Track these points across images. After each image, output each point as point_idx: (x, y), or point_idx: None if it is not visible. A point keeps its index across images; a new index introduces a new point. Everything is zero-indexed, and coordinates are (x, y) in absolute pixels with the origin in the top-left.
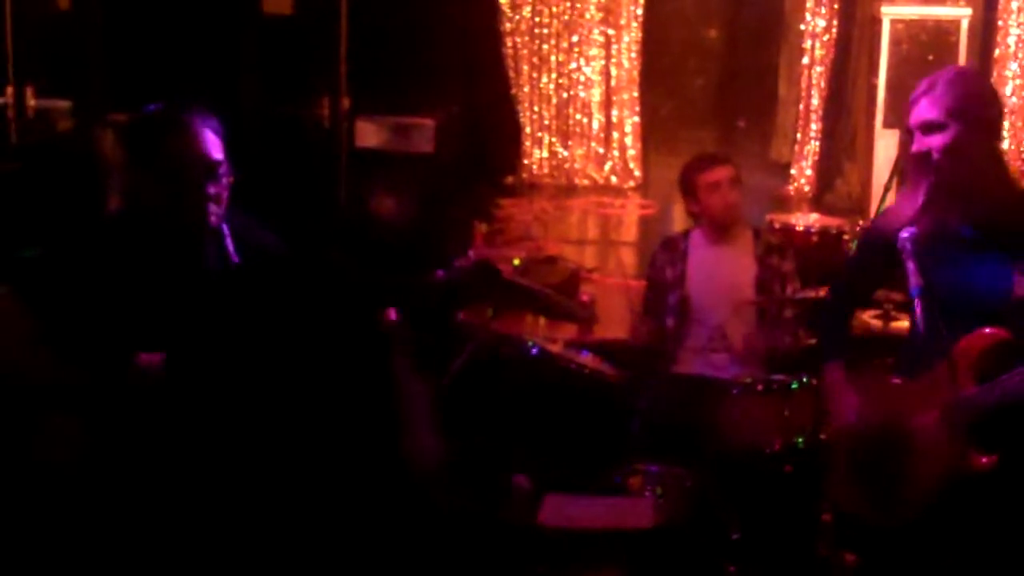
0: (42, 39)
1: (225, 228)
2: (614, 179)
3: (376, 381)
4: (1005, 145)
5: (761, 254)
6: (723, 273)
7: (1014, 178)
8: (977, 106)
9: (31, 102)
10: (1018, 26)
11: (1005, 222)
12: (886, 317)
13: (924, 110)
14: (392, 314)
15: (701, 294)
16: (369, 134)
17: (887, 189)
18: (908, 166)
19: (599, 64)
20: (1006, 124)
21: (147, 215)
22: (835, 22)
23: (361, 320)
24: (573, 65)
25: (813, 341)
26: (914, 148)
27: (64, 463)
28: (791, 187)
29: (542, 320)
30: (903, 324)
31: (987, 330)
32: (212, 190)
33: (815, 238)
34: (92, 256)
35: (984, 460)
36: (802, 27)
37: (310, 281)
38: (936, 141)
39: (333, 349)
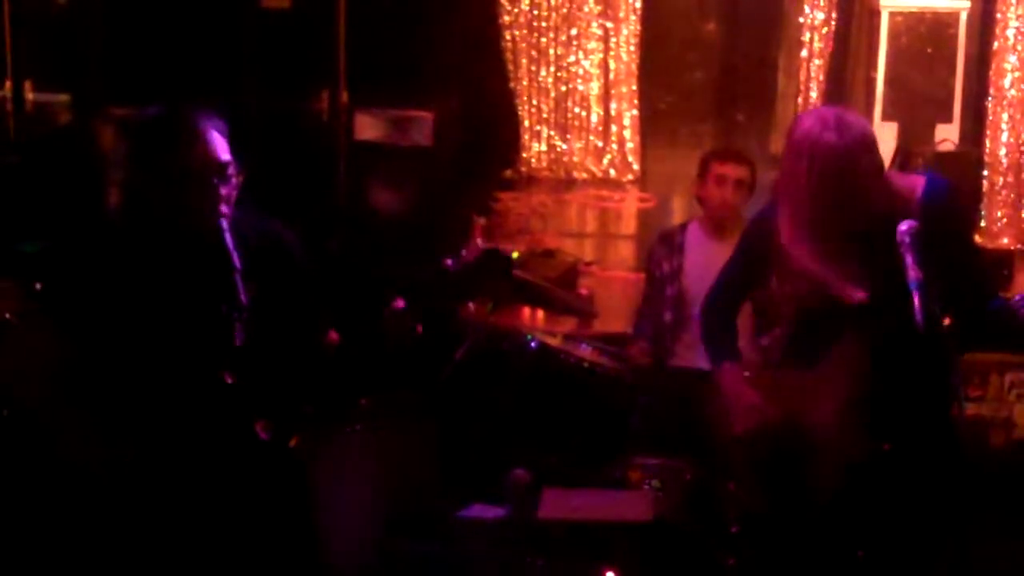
0: (40, 33)
1: (224, 227)
2: (613, 172)
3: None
4: (1003, 137)
5: None
6: (719, 267)
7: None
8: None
9: (29, 96)
10: (1017, 19)
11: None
12: None
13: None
14: (400, 303)
15: (698, 288)
16: (368, 127)
17: None
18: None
19: (598, 57)
20: (1004, 117)
21: (155, 216)
22: (834, 15)
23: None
24: (572, 58)
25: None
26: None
27: (84, 461)
28: None
29: (541, 313)
30: None
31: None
32: (224, 191)
33: None
34: (99, 253)
35: (884, 447)
36: (801, 20)
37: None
38: None
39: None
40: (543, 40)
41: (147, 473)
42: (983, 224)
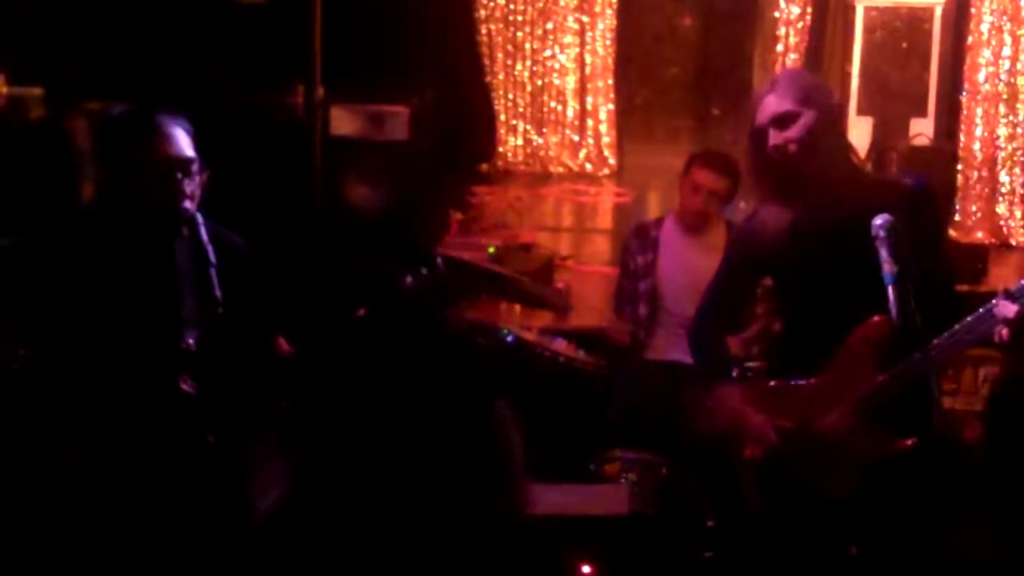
0: (13, 26)
1: (200, 219)
2: (589, 167)
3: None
4: (978, 132)
5: None
6: (693, 263)
7: (859, 166)
8: (821, 93)
9: (3, 89)
10: (991, 13)
11: (861, 209)
12: None
13: (774, 105)
14: (361, 312)
15: (671, 282)
16: (343, 122)
17: None
18: (755, 173)
19: (574, 52)
20: (979, 112)
21: (121, 211)
22: (809, 10)
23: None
24: (547, 52)
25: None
26: (771, 143)
27: (71, 495)
28: None
29: (517, 308)
30: None
31: (877, 318)
32: (187, 187)
33: None
34: (69, 248)
35: (908, 443)
36: (776, 15)
37: (278, 282)
38: (792, 132)
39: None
40: (519, 34)
41: (98, 476)
42: (957, 219)
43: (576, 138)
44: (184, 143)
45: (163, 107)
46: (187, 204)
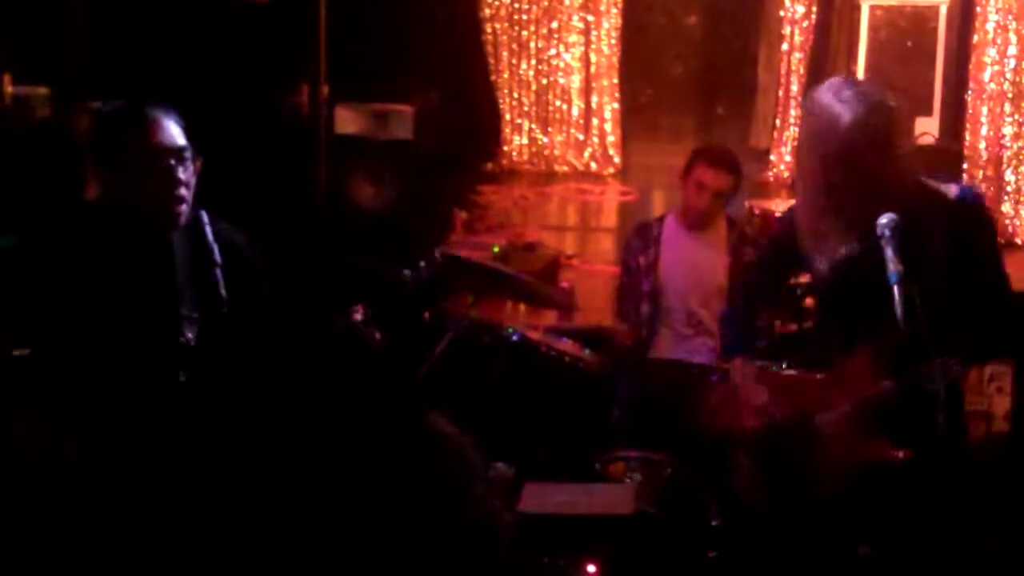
0: (20, 26)
1: (204, 217)
2: (594, 166)
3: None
4: (983, 131)
5: (734, 244)
6: (695, 261)
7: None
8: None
9: (9, 89)
10: (996, 12)
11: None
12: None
13: None
14: (359, 312)
15: (674, 280)
16: (348, 121)
17: None
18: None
19: (579, 51)
20: (984, 110)
21: (119, 205)
22: (814, 8)
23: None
24: (552, 51)
25: (793, 327)
26: None
27: (33, 459)
28: (770, 173)
29: (522, 307)
30: None
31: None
32: (182, 174)
33: None
34: (70, 245)
35: (900, 454)
36: (781, 13)
37: (278, 285)
38: None
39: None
40: (524, 33)
41: (97, 468)
42: None
43: (581, 137)
44: (175, 132)
45: (152, 99)
46: (182, 191)
